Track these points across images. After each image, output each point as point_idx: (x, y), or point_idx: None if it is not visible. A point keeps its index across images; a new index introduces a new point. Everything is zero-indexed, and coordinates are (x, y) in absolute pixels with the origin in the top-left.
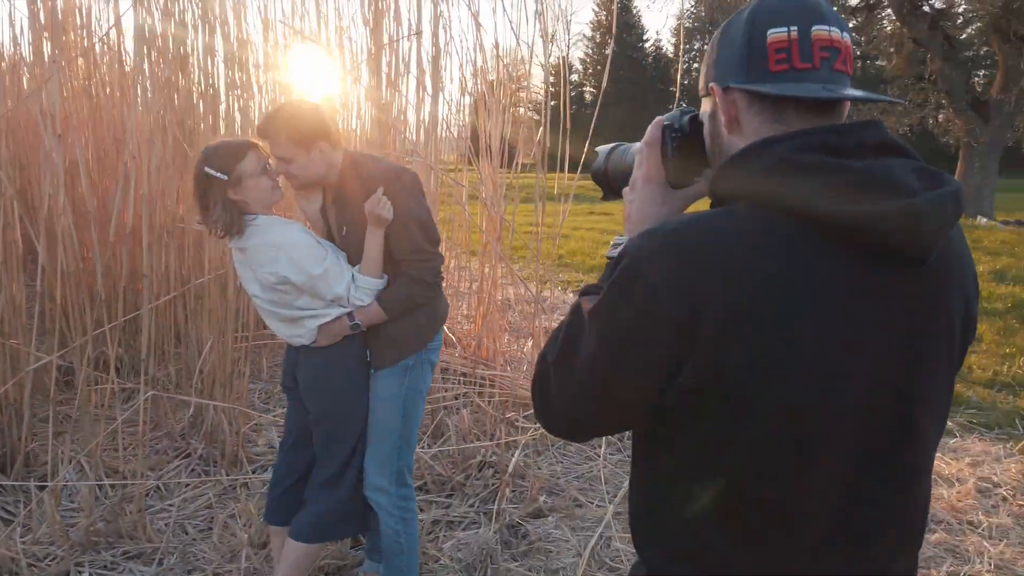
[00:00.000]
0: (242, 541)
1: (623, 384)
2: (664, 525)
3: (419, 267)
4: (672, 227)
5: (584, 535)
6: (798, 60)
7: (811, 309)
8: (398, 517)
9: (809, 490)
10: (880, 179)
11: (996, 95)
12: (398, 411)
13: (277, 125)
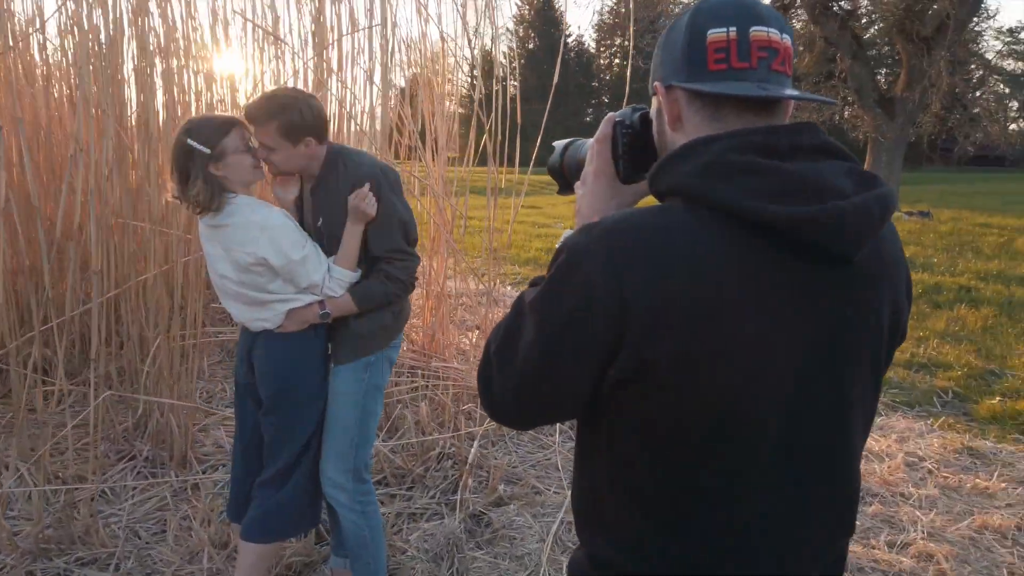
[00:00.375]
0: (202, 541)
1: (560, 374)
2: (603, 515)
3: (396, 265)
4: (609, 223)
5: (545, 521)
6: (736, 60)
7: (738, 303)
8: (359, 512)
9: (738, 480)
10: (809, 181)
11: (901, 93)
12: (356, 407)
13: (269, 112)
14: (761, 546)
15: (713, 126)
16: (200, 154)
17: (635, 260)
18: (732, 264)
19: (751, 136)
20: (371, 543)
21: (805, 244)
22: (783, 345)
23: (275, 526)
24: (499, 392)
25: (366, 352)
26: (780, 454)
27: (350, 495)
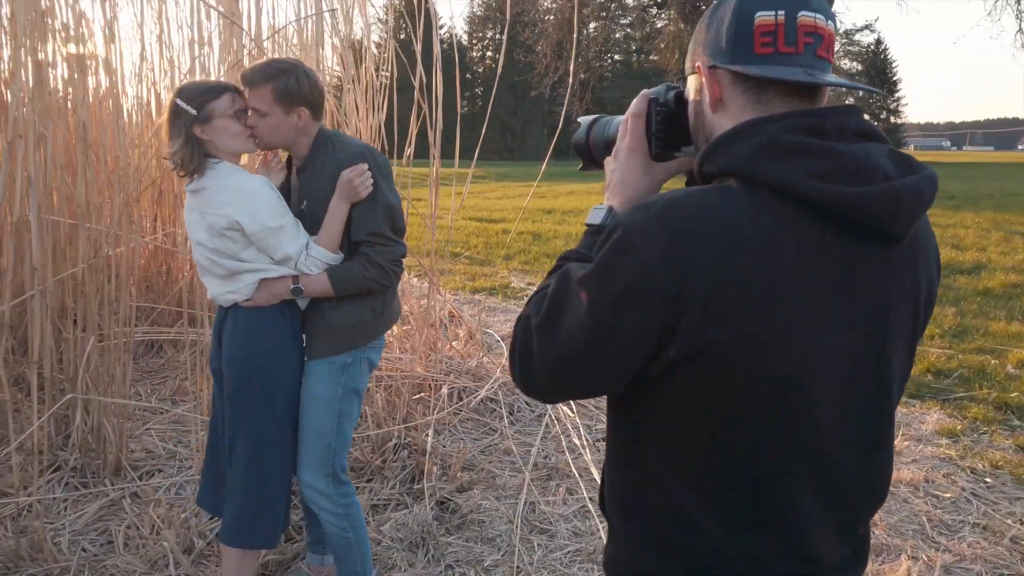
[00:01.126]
0: (163, 548)
1: (607, 355)
2: (646, 502)
3: (377, 250)
4: (666, 202)
5: (509, 503)
6: (783, 44)
7: (796, 286)
8: (341, 515)
9: (790, 460)
10: (862, 162)
11: None
12: (332, 412)
13: (266, 74)
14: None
15: (757, 109)
16: (186, 114)
17: (695, 242)
18: (790, 244)
19: (802, 119)
20: (356, 544)
21: (860, 224)
22: (838, 328)
23: (247, 534)
24: (537, 365)
25: (341, 349)
26: (832, 433)
27: (331, 499)
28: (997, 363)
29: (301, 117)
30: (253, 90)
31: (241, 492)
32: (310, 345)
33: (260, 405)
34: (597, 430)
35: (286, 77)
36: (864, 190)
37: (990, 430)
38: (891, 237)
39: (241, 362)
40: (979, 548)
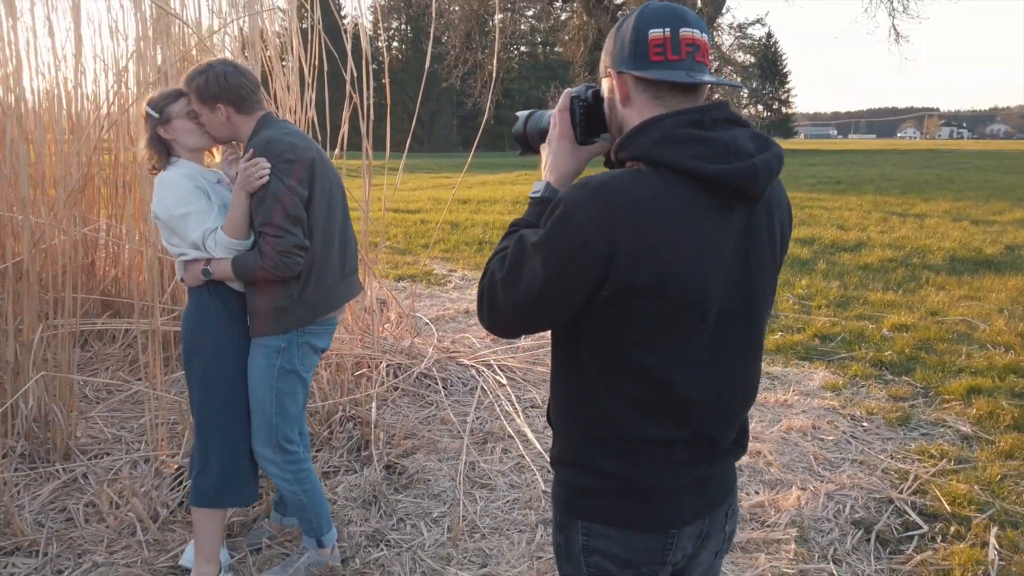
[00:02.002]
0: (129, 518)
1: (558, 297)
2: (582, 401)
3: (272, 241)
4: (597, 183)
5: (451, 463)
6: (671, 53)
7: (689, 237)
8: (291, 480)
9: (690, 365)
10: (730, 145)
11: None
12: (270, 390)
13: (187, 79)
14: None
15: (655, 103)
16: (152, 118)
17: (619, 212)
18: (682, 208)
19: (687, 115)
20: (308, 504)
21: (731, 190)
22: (717, 265)
23: (209, 495)
24: (501, 309)
25: (266, 330)
26: (717, 341)
27: (279, 466)
28: (874, 328)
29: (223, 112)
30: (189, 95)
31: (200, 458)
32: (250, 325)
33: (200, 378)
34: (525, 399)
35: (200, 79)
36: (732, 167)
37: (867, 384)
38: (751, 199)
39: (183, 338)
40: (856, 479)
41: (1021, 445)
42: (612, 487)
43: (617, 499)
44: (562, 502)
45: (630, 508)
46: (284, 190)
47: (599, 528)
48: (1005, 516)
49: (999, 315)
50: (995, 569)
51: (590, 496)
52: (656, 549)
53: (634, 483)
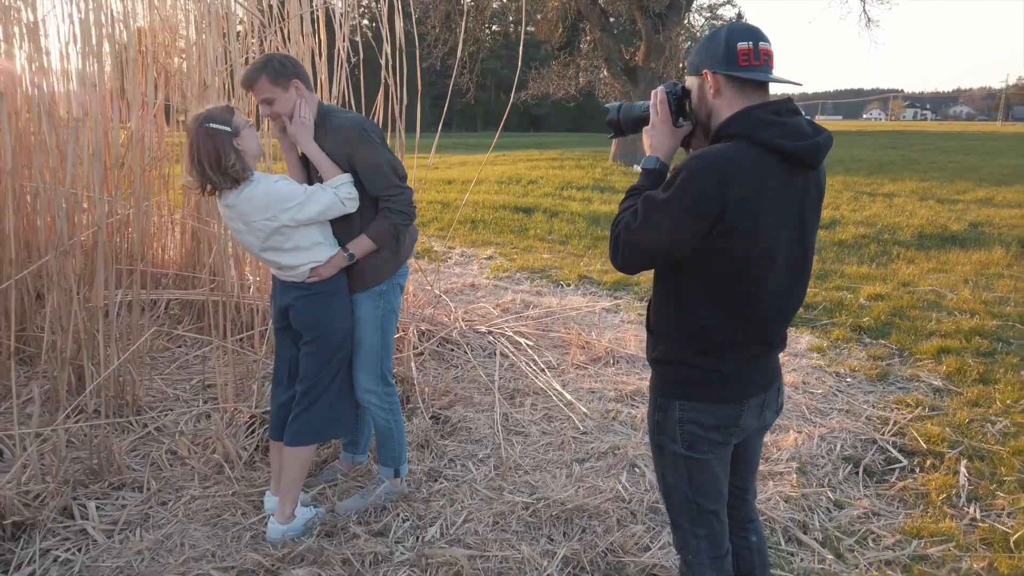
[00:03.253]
0: (218, 459)
1: (681, 240)
2: (681, 322)
3: (395, 200)
4: (712, 153)
5: (487, 414)
6: (753, 59)
7: (775, 194)
8: (387, 410)
9: (770, 304)
10: (799, 129)
11: (642, 63)
12: (376, 329)
13: (256, 69)
14: (773, 326)
15: (741, 96)
16: (224, 133)
17: (729, 175)
18: (769, 172)
19: (771, 106)
20: (396, 433)
21: (800, 160)
22: (790, 211)
23: (317, 430)
24: (635, 251)
25: (373, 283)
26: (785, 275)
27: (380, 397)
28: (852, 297)
29: (297, 88)
30: (254, 87)
31: (308, 404)
32: (351, 283)
33: (332, 346)
34: (542, 361)
35: (272, 63)
36: (803, 144)
37: (848, 346)
38: (812, 167)
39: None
40: (844, 424)
41: (985, 395)
42: (704, 376)
43: (707, 384)
44: (662, 389)
45: (717, 389)
46: (389, 157)
47: (693, 404)
48: (972, 451)
49: (964, 285)
50: (964, 492)
51: (686, 383)
52: (733, 414)
53: (720, 372)
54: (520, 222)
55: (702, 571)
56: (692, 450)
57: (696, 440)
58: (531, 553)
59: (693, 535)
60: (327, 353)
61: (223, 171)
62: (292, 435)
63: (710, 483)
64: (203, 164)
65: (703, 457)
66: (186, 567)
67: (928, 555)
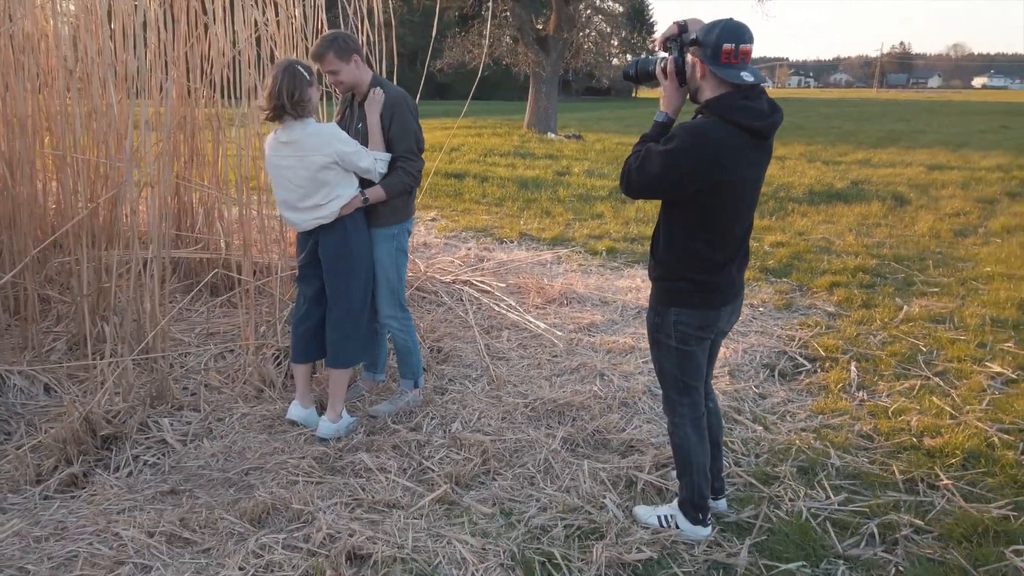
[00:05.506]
0: (257, 387)
1: (669, 182)
2: (677, 248)
3: (409, 164)
4: (696, 124)
5: (472, 345)
6: (733, 59)
7: (743, 161)
8: (405, 331)
9: (734, 229)
10: (762, 111)
11: (553, 34)
12: (393, 266)
13: (324, 45)
14: (739, 256)
15: (721, 84)
16: (304, 76)
17: (707, 144)
18: (739, 144)
19: (744, 92)
20: (414, 351)
21: (759, 135)
22: (754, 174)
23: (354, 354)
24: (635, 183)
25: (386, 223)
26: (746, 211)
27: (399, 320)
28: (758, 245)
29: (357, 62)
30: (322, 61)
31: (348, 333)
32: (369, 220)
33: (360, 277)
34: (504, 304)
35: (338, 42)
36: (763, 122)
37: (759, 284)
38: (767, 139)
39: (344, 256)
40: (761, 341)
41: (868, 317)
42: (694, 288)
43: (698, 294)
44: (661, 299)
45: (705, 298)
46: (417, 128)
47: (684, 310)
48: (859, 355)
49: (849, 233)
50: (855, 383)
51: (680, 294)
52: (714, 318)
53: (707, 285)
54: (453, 187)
55: (685, 429)
56: (683, 344)
57: (686, 336)
58: (537, 435)
59: (680, 403)
60: (354, 279)
61: (295, 102)
62: (336, 358)
63: (695, 367)
64: (282, 93)
65: (691, 349)
66: (263, 460)
67: (831, 424)
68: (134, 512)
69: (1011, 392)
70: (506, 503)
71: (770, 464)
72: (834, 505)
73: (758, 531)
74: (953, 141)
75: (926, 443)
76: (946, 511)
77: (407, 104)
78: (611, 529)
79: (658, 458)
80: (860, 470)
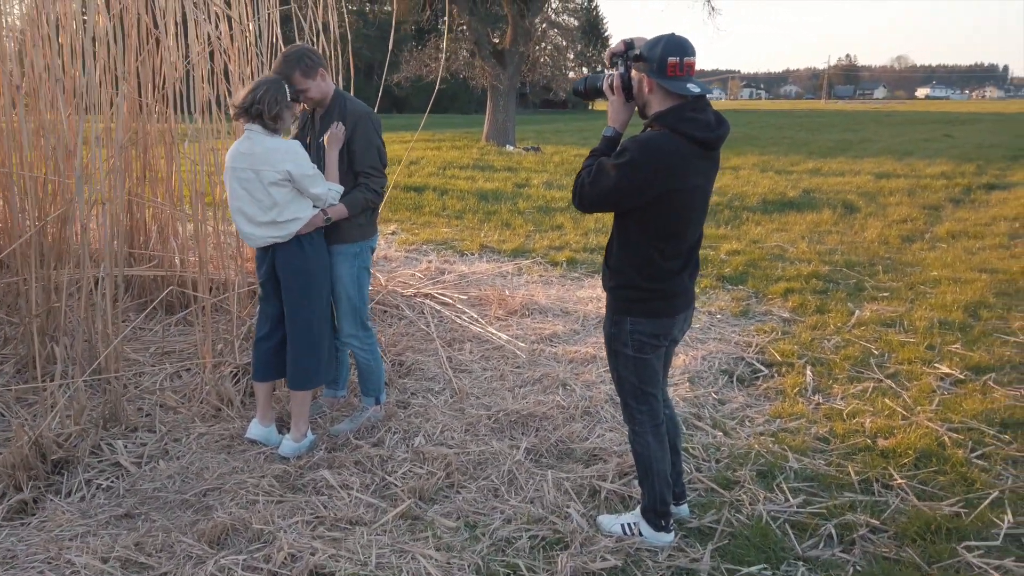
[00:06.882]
0: (214, 406)
1: (620, 197)
2: (630, 257)
3: (371, 180)
4: (646, 138)
5: (434, 358)
6: (678, 71)
7: (692, 171)
8: (367, 350)
9: (686, 238)
10: (709, 123)
11: (509, 47)
12: (353, 284)
13: (288, 65)
14: (688, 266)
15: (667, 97)
16: (286, 94)
17: (658, 156)
18: (688, 156)
19: (691, 104)
20: (376, 369)
21: (708, 147)
22: (703, 184)
23: (312, 378)
24: (586, 198)
25: (351, 239)
26: (697, 219)
27: (360, 340)
28: (714, 254)
29: (323, 76)
30: (290, 81)
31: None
32: (332, 236)
33: (318, 298)
34: (467, 316)
35: (302, 61)
36: (711, 135)
37: (715, 292)
38: (715, 150)
39: (297, 271)
40: (719, 347)
41: (822, 322)
42: (649, 296)
43: (653, 302)
44: (617, 309)
45: (660, 306)
46: (379, 143)
47: (640, 319)
48: (814, 360)
49: (802, 241)
50: (811, 386)
51: (636, 302)
52: (669, 326)
53: (662, 293)
54: (413, 200)
55: (646, 437)
56: (639, 352)
57: (642, 345)
58: (501, 447)
59: (638, 411)
60: (313, 297)
61: (271, 116)
62: (295, 380)
63: (652, 375)
64: (263, 101)
65: (647, 357)
66: (221, 480)
67: (788, 427)
68: (87, 538)
69: (959, 392)
70: (470, 516)
71: (730, 469)
72: (793, 507)
73: (720, 535)
74: (899, 150)
75: (880, 444)
76: (900, 510)
77: (370, 119)
78: (576, 538)
79: (621, 466)
80: (817, 472)
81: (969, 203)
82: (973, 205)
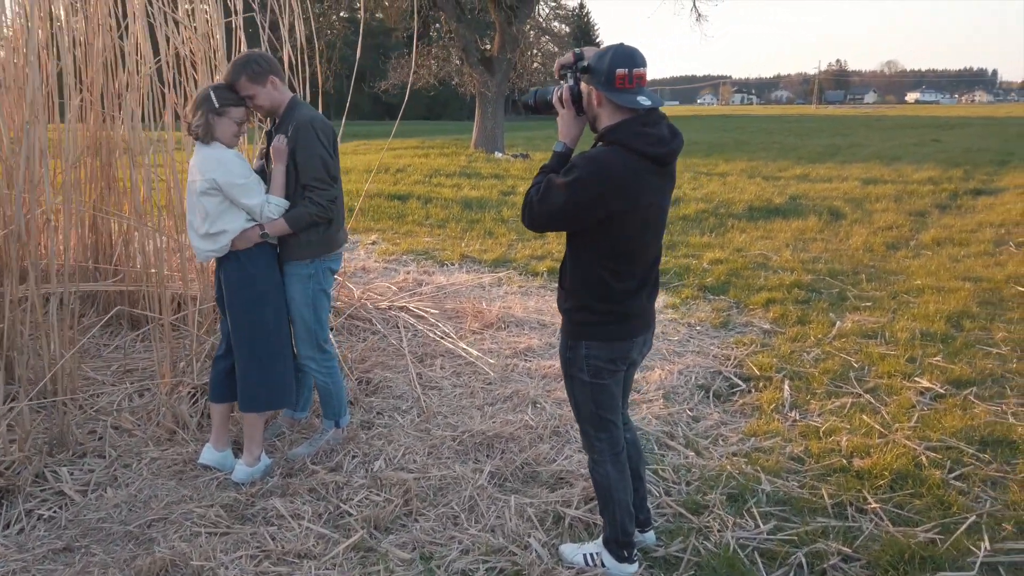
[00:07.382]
0: (169, 428)
1: (570, 216)
2: (584, 278)
3: (317, 192)
4: (594, 154)
5: (404, 375)
6: (627, 83)
7: (642, 188)
8: (325, 373)
9: (643, 259)
10: (662, 137)
11: (497, 54)
12: (308, 306)
13: (236, 71)
14: (646, 268)
15: (618, 111)
16: (209, 103)
17: (607, 173)
18: (640, 172)
19: (642, 119)
20: (334, 392)
21: (661, 162)
22: (657, 200)
23: (262, 401)
24: (536, 217)
25: (302, 256)
26: (653, 237)
27: (318, 362)
28: (696, 263)
29: (275, 84)
30: (236, 86)
31: (254, 375)
32: (281, 251)
33: (265, 317)
34: (440, 330)
35: (249, 67)
36: (663, 150)
37: (696, 302)
38: (669, 165)
39: (238, 288)
40: (696, 361)
41: (802, 333)
42: (604, 319)
43: (607, 325)
44: (571, 332)
45: (614, 329)
46: (326, 155)
47: (595, 344)
48: (793, 373)
49: (786, 249)
50: (788, 402)
51: (590, 325)
52: (627, 349)
53: (616, 315)
54: (396, 209)
55: (605, 466)
56: (596, 377)
57: (598, 370)
58: (463, 471)
59: (596, 439)
60: (258, 317)
61: (196, 124)
62: (244, 402)
63: (610, 400)
64: (189, 111)
65: (604, 382)
66: (168, 510)
67: (762, 447)
68: (22, 574)
69: (939, 408)
70: (427, 547)
71: (700, 492)
72: (763, 534)
73: (686, 565)
74: (888, 155)
75: (855, 464)
76: (874, 536)
77: (314, 127)
78: (534, 571)
79: (587, 491)
80: (790, 495)
81: (955, 209)
82: (959, 211)
